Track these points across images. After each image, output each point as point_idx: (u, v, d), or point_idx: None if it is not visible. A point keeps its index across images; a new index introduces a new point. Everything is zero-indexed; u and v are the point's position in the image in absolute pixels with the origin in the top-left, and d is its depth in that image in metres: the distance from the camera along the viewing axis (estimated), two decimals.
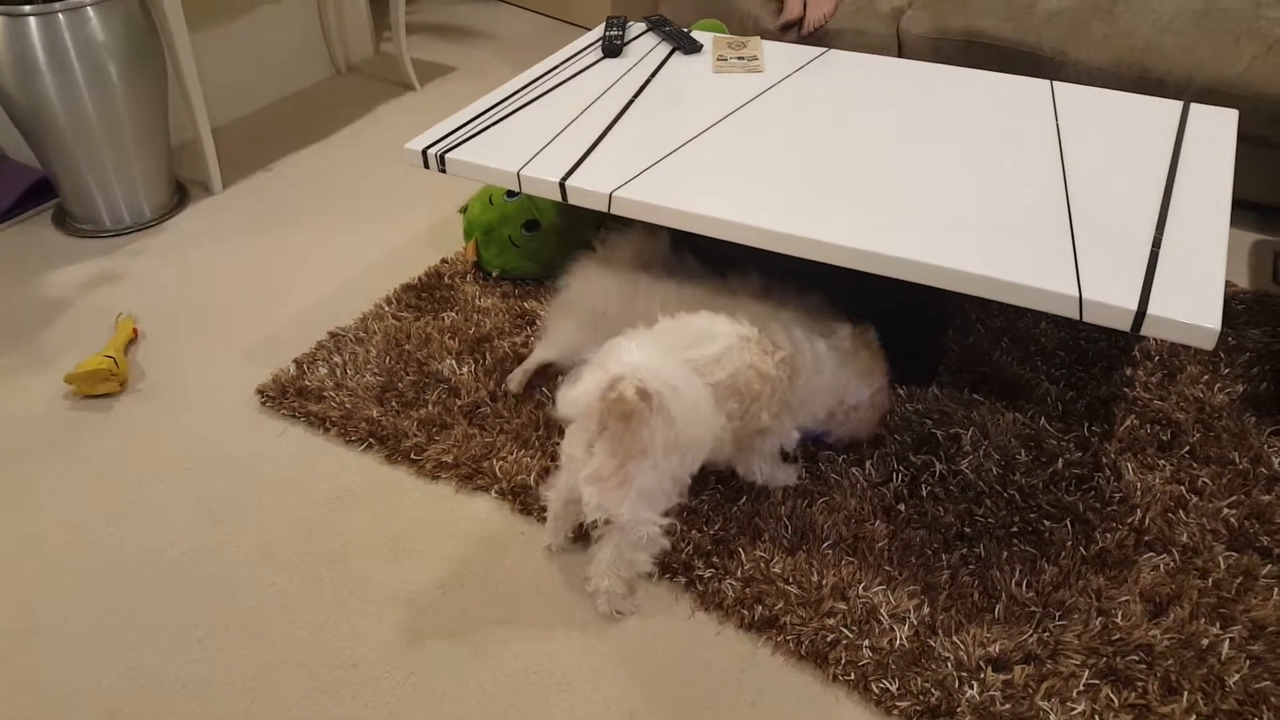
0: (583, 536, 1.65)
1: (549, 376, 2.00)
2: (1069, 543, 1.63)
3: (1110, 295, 1.40)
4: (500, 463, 1.81)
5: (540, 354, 1.99)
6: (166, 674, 1.50)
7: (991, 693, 1.41)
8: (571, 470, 1.50)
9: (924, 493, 1.73)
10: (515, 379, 1.99)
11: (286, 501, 1.79)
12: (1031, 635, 1.49)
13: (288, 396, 1.99)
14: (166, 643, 1.55)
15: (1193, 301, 1.39)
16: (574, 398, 1.39)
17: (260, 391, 2.01)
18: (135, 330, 2.21)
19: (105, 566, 1.68)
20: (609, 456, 1.43)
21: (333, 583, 1.64)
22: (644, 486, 1.44)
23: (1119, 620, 1.51)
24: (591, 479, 1.44)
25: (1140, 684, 1.42)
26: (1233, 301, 2.18)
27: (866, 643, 1.48)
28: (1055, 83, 2.04)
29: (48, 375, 2.11)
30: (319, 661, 1.51)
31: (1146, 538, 1.64)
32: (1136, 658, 1.46)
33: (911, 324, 1.90)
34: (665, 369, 1.37)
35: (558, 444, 1.83)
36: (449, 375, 2.01)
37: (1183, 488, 1.73)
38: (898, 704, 1.41)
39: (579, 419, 1.46)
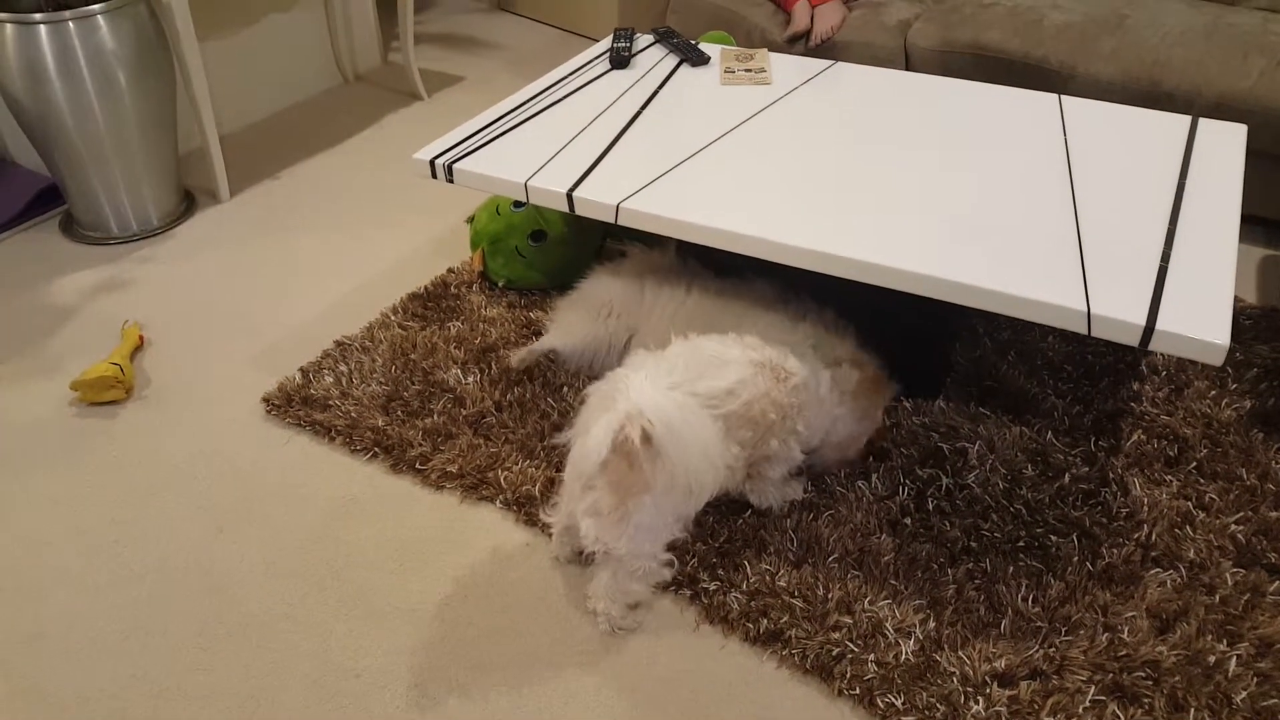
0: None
1: (555, 387, 2.00)
2: (1075, 558, 1.63)
3: (1118, 310, 1.40)
4: (505, 473, 1.81)
5: (548, 340, 2.00)
6: (169, 682, 1.50)
7: (997, 708, 1.40)
8: (571, 498, 1.49)
9: (930, 507, 1.72)
10: (519, 356, 2.01)
11: (291, 511, 1.79)
12: (1037, 651, 1.48)
13: (293, 405, 1.99)
14: (170, 651, 1.55)
15: (1201, 317, 1.38)
16: (589, 453, 1.34)
17: (266, 400, 2.01)
18: (141, 338, 2.21)
19: (109, 574, 1.68)
20: (609, 492, 1.41)
21: (337, 592, 1.63)
22: (643, 522, 1.43)
23: (1125, 636, 1.50)
24: (590, 512, 1.43)
25: (1147, 700, 1.41)
26: (1240, 316, 2.17)
27: (872, 657, 1.48)
28: (1063, 96, 2.04)
29: (53, 382, 2.11)
30: (322, 671, 1.51)
31: (1153, 553, 1.63)
32: (1143, 674, 1.45)
33: (918, 336, 1.90)
34: (669, 409, 1.34)
35: (564, 454, 1.83)
36: (454, 385, 2.01)
37: (1190, 503, 1.72)
38: (903, 719, 1.40)
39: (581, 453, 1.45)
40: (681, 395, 1.39)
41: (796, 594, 1.57)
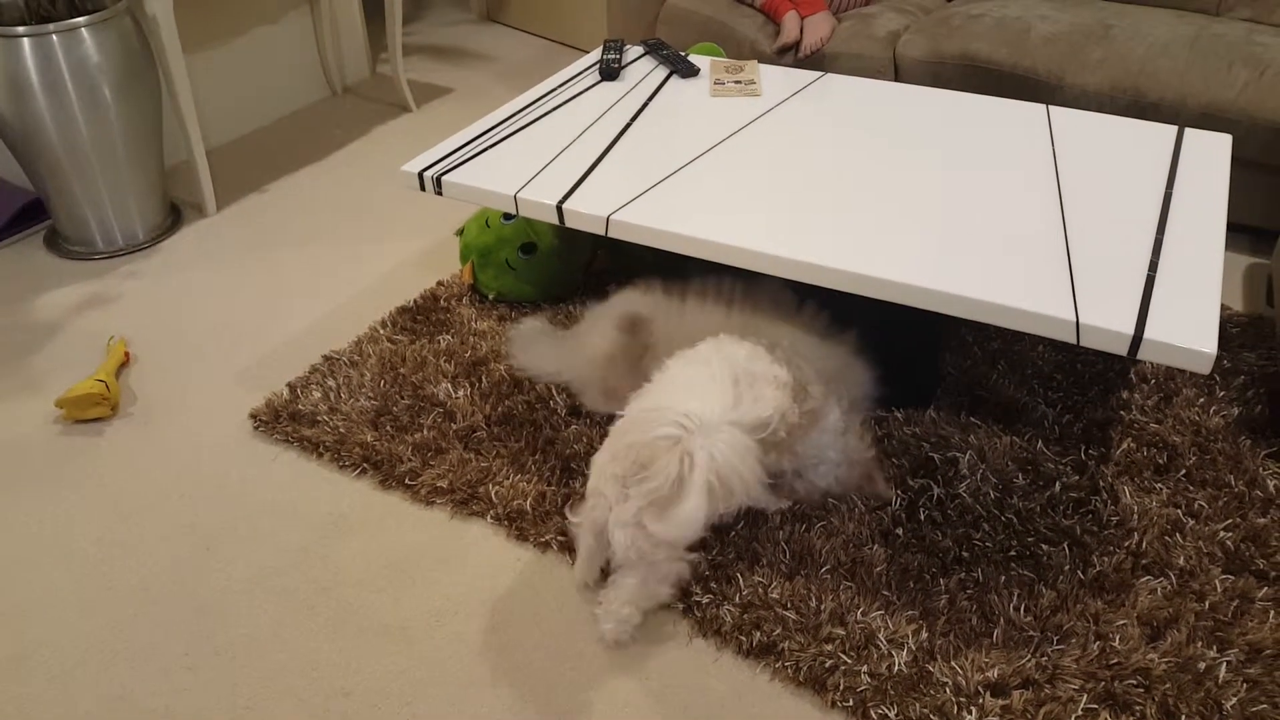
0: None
1: (546, 400, 1.99)
2: (1066, 566, 1.63)
3: (1107, 320, 1.40)
4: (496, 488, 1.80)
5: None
6: (156, 703, 1.49)
7: (990, 718, 1.40)
8: (602, 507, 1.47)
9: (922, 517, 1.72)
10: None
11: (279, 528, 1.77)
12: (1030, 660, 1.48)
13: (281, 421, 1.98)
14: (156, 672, 1.53)
15: (1189, 326, 1.39)
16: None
17: (253, 416, 2.00)
18: (127, 354, 2.20)
19: (95, 593, 1.66)
20: (653, 512, 1.41)
21: (325, 610, 1.62)
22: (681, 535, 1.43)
23: (1117, 644, 1.50)
24: (629, 524, 1.43)
25: (1138, 708, 1.42)
26: (1227, 324, 2.18)
27: (865, 668, 1.47)
28: (1051, 107, 2.05)
29: (38, 399, 2.09)
30: (312, 691, 1.50)
31: (1144, 561, 1.64)
32: (1134, 682, 1.45)
33: (909, 346, 1.90)
34: (730, 454, 1.40)
35: (555, 468, 1.83)
36: (444, 399, 2.00)
37: (1179, 511, 1.72)
38: None
39: (614, 457, 1.45)
40: (739, 433, 1.44)
41: (789, 606, 1.57)
